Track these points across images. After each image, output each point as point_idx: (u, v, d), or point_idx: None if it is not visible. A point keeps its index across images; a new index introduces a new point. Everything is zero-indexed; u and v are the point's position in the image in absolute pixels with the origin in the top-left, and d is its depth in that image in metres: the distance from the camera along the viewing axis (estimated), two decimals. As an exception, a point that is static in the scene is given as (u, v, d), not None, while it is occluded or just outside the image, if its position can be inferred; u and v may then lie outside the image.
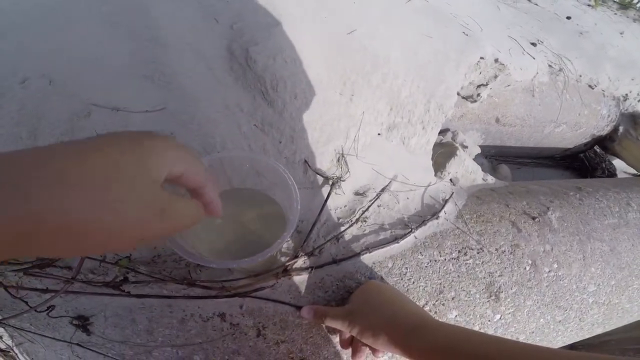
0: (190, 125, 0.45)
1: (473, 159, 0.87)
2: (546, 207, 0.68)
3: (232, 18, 0.50)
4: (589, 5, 1.13)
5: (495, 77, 0.74)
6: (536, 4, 1.00)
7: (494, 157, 1.06)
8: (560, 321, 0.61)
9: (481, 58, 0.67)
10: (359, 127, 0.57)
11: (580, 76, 0.90)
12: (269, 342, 0.49)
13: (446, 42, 0.63)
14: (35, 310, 0.43)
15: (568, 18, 0.99)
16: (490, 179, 0.76)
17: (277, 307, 0.49)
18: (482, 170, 0.79)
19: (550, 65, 0.86)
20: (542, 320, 0.59)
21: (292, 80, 0.51)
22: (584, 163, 1.07)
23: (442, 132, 0.93)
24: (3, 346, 0.53)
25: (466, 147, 0.88)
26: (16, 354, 0.48)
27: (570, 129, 0.96)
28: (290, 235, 0.36)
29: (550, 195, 0.72)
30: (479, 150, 0.89)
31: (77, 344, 0.48)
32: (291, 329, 0.49)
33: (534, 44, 0.87)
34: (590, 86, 0.92)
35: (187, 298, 0.48)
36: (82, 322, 0.49)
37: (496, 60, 0.70)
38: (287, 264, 0.51)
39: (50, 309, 0.45)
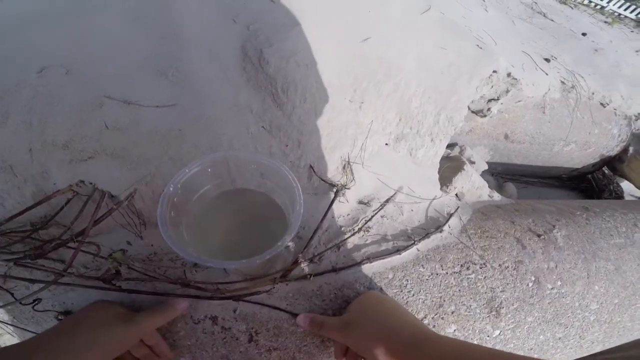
0: (199, 122, 0.45)
1: (480, 175, 0.87)
2: (552, 225, 0.67)
3: (249, 19, 0.49)
4: (605, 22, 1.13)
5: (507, 91, 0.73)
6: (552, 20, 1.00)
7: (500, 174, 1.05)
8: (560, 338, 0.60)
9: (494, 72, 0.66)
10: (367, 135, 0.57)
11: (593, 94, 0.89)
12: (260, 348, 0.48)
13: (460, 55, 0.62)
14: (20, 303, 0.43)
15: (584, 34, 0.99)
16: (497, 196, 0.75)
17: (272, 313, 0.48)
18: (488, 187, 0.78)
19: (562, 82, 0.85)
20: (542, 337, 0.58)
21: (303, 84, 0.51)
22: (591, 184, 1.06)
23: (450, 146, 0.92)
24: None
25: (473, 162, 0.87)
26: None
27: (580, 148, 0.95)
28: (291, 238, 0.35)
29: (557, 214, 0.71)
30: (486, 167, 0.88)
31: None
32: (285, 336, 0.48)
33: (547, 60, 0.86)
34: (602, 104, 0.91)
35: (180, 297, 0.47)
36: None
37: (509, 75, 0.69)
38: (286, 269, 0.50)
39: (36, 302, 0.44)
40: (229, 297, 0.48)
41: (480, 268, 0.58)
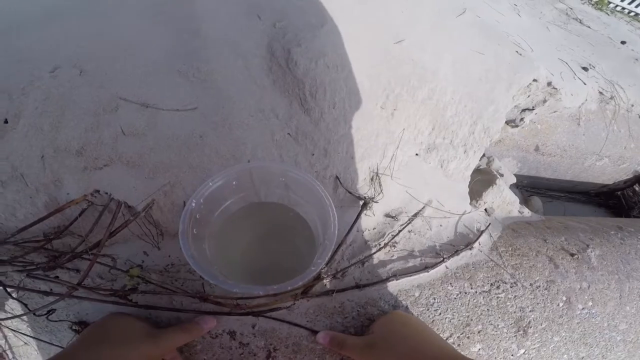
0: (221, 128, 0.42)
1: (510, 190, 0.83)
2: (586, 245, 0.63)
3: (275, 16, 0.46)
4: None
5: (544, 101, 0.69)
6: (589, 27, 0.94)
7: (526, 187, 1.01)
8: (582, 358, 0.57)
9: (534, 80, 0.62)
10: (398, 145, 0.53)
11: (632, 106, 0.84)
12: None
13: (498, 61, 0.58)
14: (34, 314, 0.41)
15: (623, 43, 0.93)
16: (527, 212, 0.71)
17: (292, 330, 0.46)
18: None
19: (601, 93, 0.80)
20: (565, 356, 0.55)
21: (333, 88, 0.48)
22: (620, 201, 1.00)
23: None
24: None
25: (502, 174, 0.83)
26: (7, 356, 0.45)
27: (613, 163, 0.90)
28: (325, 263, 0.33)
29: (590, 232, 0.67)
30: (514, 180, 0.84)
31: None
32: (304, 353, 0.46)
33: (585, 69, 0.81)
34: None
35: (198, 312, 0.45)
36: (83, 329, 0.46)
37: (549, 84, 0.65)
38: (307, 285, 0.48)
39: (50, 313, 0.43)
40: (248, 312, 0.46)
41: (511, 287, 0.55)
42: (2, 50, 0.43)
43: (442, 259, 0.54)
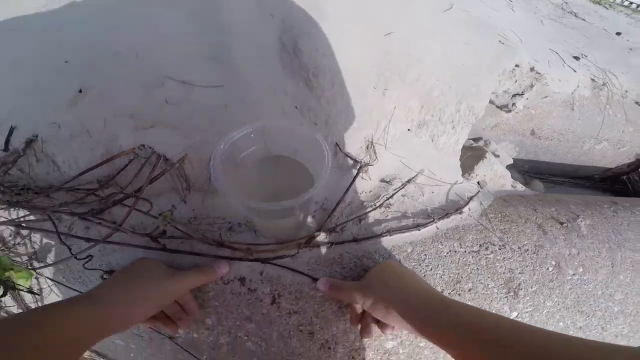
0: (242, 102, 0.54)
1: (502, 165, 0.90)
2: (576, 215, 0.68)
3: (284, 13, 0.59)
4: None
5: (532, 86, 0.78)
6: (584, 20, 1.03)
7: (528, 173, 1.06)
8: (580, 327, 0.60)
9: (516, 65, 0.70)
10: (390, 119, 0.63)
11: (627, 91, 0.90)
12: (281, 311, 0.53)
13: (482, 48, 0.67)
14: (76, 258, 0.50)
15: (618, 34, 1.01)
16: (520, 187, 0.78)
17: (295, 277, 0.53)
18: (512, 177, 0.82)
19: (593, 79, 0.88)
20: (561, 324, 0.59)
21: (331, 71, 0.58)
22: (625, 186, 1.04)
23: (475, 140, 0.97)
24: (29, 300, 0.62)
25: (498, 156, 0.91)
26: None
27: (613, 147, 0.95)
28: (321, 186, 0.40)
29: (583, 205, 0.72)
30: (511, 161, 0.91)
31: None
32: (305, 300, 0.53)
33: (576, 58, 0.89)
34: (637, 103, 0.91)
35: (215, 257, 0.55)
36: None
37: (532, 69, 0.73)
38: (310, 235, 0.57)
39: (89, 258, 0.51)
40: (257, 259, 0.54)
41: (499, 249, 0.61)
42: (81, 35, 0.57)
43: (432, 219, 0.62)
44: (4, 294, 0.47)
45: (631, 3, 1.23)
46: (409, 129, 0.67)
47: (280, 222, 0.48)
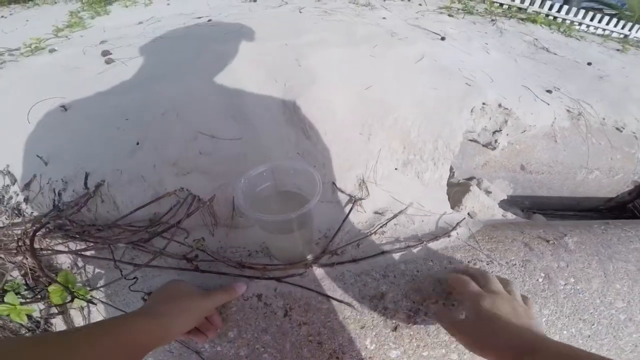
0: (256, 149, 0.73)
1: (498, 204, 1.01)
2: (563, 234, 0.74)
3: (285, 79, 0.81)
4: (617, 50, 1.30)
5: (505, 122, 0.93)
6: (555, 54, 1.21)
7: (530, 209, 1.12)
8: (589, 336, 0.63)
9: (483, 104, 0.87)
10: (377, 160, 0.79)
11: (604, 119, 1.01)
12: (293, 322, 0.62)
13: (449, 92, 0.84)
14: (125, 278, 0.64)
15: (589, 64, 1.16)
16: (511, 216, 0.88)
17: (304, 292, 0.64)
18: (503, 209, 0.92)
19: (568, 110, 1.01)
20: (565, 332, 0.63)
21: (323, 122, 0.77)
22: (634, 214, 1.08)
23: (468, 179, 1.09)
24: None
25: (490, 192, 1.02)
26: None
27: (606, 175, 1.02)
28: (316, 200, 0.52)
29: (572, 226, 0.78)
30: (504, 197, 1.02)
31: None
32: (312, 312, 0.63)
33: (549, 91, 1.04)
34: (617, 129, 1.01)
35: (237, 276, 0.68)
36: None
37: (500, 105, 0.88)
38: (315, 257, 0.70)
39: (134, 280, 0.65)
40: (272, 277, 0.68)
41: (487, 264, 0.69)
42: (136, 98, 0.80)
43: (422, 242, 0.73)
44: (72, 300, 0.62)
45: (604, 30, 1.39)
46: (396, 168, 0.82)
47: (285, 238, 0.62)
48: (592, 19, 3.16)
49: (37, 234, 0.77)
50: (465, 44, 1.21)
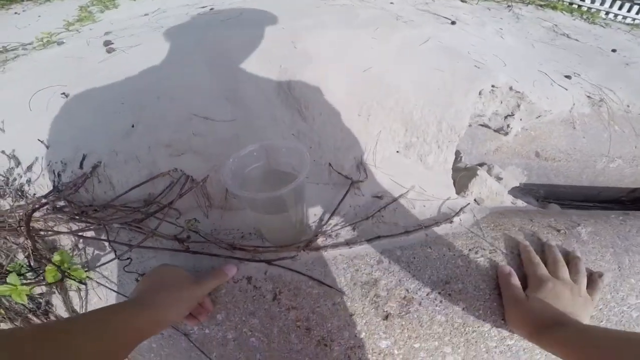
0: (250, 130, 0.74)
1: (510, 192, 0.98)
2: (576, 223, 0.71)
3: (280, 60, 0.81)
4: None
5: (518, 106, 0.90)
6: (577, 40, 1.16)
7: (547, 199, 1.08)
8: None
9: (493, 86, 0.85)
10: (376, 142, 0.79)
11: (629, 106, 0.97)
12: (281, 307, 0.62)
13: (455, 73, 0.82)
14: (119, 259, 0.67)
15: (613, 51, 1.12)
16: (521, 203, 0.85)
17: (294, 276, 0.64)
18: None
19: (589, 96, 0.97)
20: None
21: (319, 102, 0.77)
22: None
23: (479, 165, 1.07)
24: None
25: (501, 178, 0.99)
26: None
27: (629, 164, 0.97)
28: (304, 176, 0.53)
29: (587, 216, 0.75)
30: (516, 183, 0.98)
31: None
32: (302, 296, 0.62)
33: (568, 77, 1.00)
34: None
35: (228, 257, 0.69)
36: None
37: (511, 89, 0.86)
38: (308, 240, 0.70)
39: (129, 261, 0.67)
40: (263, 260, 0.68)
41: (490, 253, 0.66)
42: (133, 84, 0.84)
43: (421, 227, 0.72)
44: (62, 279, 0.65)
45: (634, 19, 1.34)
46: (397, 151, 0.81)
47: (276, 219, 0.63)
48: (620, 8, 3.02)
49: (37, 214, 0.81)
50: (478, 29, 1.19)
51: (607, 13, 2.81)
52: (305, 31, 0.88)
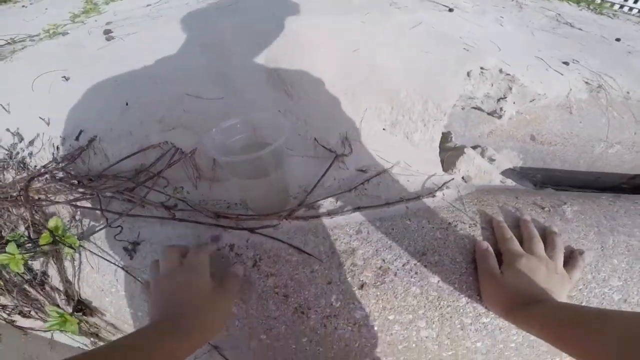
0: (239, 108, 0.78)
1: (502, 173, 1.00)
2: (562, 202, 0.72)
3: (268, 44, 0.85)
4: None
5: (510, 89, 0.92)
6: (580, 29, 1.18)
7: (543, 183, 1.09)
8: None
9: (482, 68, 0.87)
10: (362, 118, 0.83)
11: (629, 92, 0.97)
12: (261, 273, 0.65)
13: (444, 55, 0.84)
14: (110, 226, 0.72)
15: (617, 40, 1.12)
16: (510, 182, 0.87)
17: (274, 244, 0.67)
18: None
19: (586, 82, 0.98)
20: None
21: (306, 81, 0.80)
22: None
23: (473, 147, 1.09)
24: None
25: (494, 160, 1.01)
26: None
27: (628, 150, 0.97)
28: (282, 140, 0.57)
29: (575, 196, 0.75)
30: (509, 165, 1.00)
31: (122, 268, 0.73)
32: (281, 263, 0.66)
33: (566, 63, 1.01)
34: None
35: (214, 225, 0.74)
36: (133, 247, 0.73)
37: (501, 71, 0.88)
38: (290, 210, 0.74)
39: (120, 229, 0.73)
40: (246, 228, 0.72)
41: (469, 227, 0.68)
42: (127, 66, 0.91)
43: (402, 199, 0.75)
44: (54, 243, 0.71)
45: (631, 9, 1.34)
46: (383, 128, 0.84)
47: (257, 185, 0.67)
48: (635, 2, 2.96)
49: (37, 185, 0.88)
50: (477, 17, 1.21)
51: (621, 7, 2.76)
52: (294, 16, 0.94)
